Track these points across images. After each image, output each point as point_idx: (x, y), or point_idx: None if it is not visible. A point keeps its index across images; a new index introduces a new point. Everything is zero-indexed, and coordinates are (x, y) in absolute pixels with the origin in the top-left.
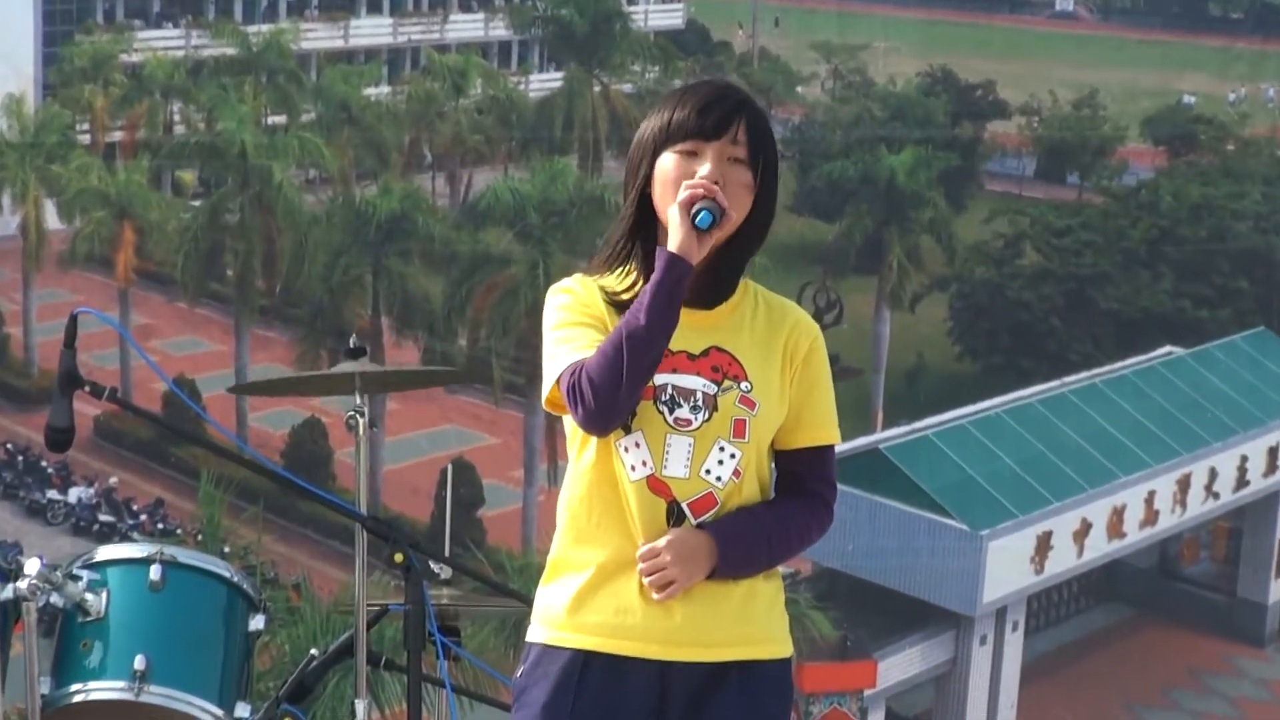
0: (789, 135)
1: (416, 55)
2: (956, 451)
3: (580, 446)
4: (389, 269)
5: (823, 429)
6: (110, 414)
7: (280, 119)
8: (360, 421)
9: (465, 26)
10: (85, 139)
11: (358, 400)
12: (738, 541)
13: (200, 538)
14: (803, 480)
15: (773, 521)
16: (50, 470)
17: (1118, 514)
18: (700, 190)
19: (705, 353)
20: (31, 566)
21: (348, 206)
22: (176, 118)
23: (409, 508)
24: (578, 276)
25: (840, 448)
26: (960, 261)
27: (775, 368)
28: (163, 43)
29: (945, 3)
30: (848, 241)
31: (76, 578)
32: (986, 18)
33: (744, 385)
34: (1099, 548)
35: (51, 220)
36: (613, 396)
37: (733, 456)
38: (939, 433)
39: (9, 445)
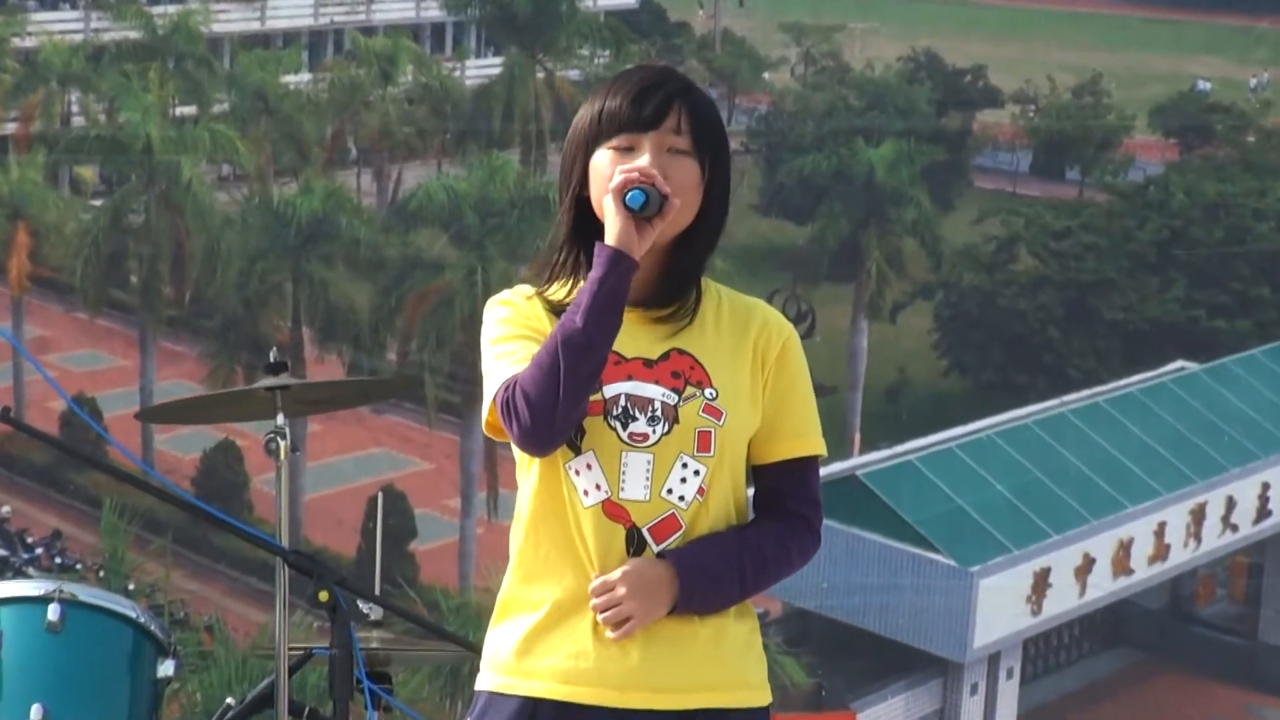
0: (755, 126)
1: (340, 39)
2: (943, 478)
3: (525, 471)
4: (310, 276)
5: (802, 439)
6: (2, 435)
7: (189, 110)
8: (281, 444)
9: (394, 7)
10: None
11: (279, 420)
12: (703, 571)
13: (102, 574)
14: (782, 498)
15: (744, 547)
16: None
17: (1124, 548)
18: (635, 175)
19: (664, 356)
20: None
21: (264, 207)
22: (75, 108)
23: (334, 541)
24: (519, 287)
25: None
26: (947, 267)
27: (744, 372)
28: (59, 25)
29: None
30: (820, 245)
31: None
32: None
33: (708, 392)
34: (1103, 586)
35: None
36: (549, 412)
37: (697, 473)
38: (924, 458)
39: None
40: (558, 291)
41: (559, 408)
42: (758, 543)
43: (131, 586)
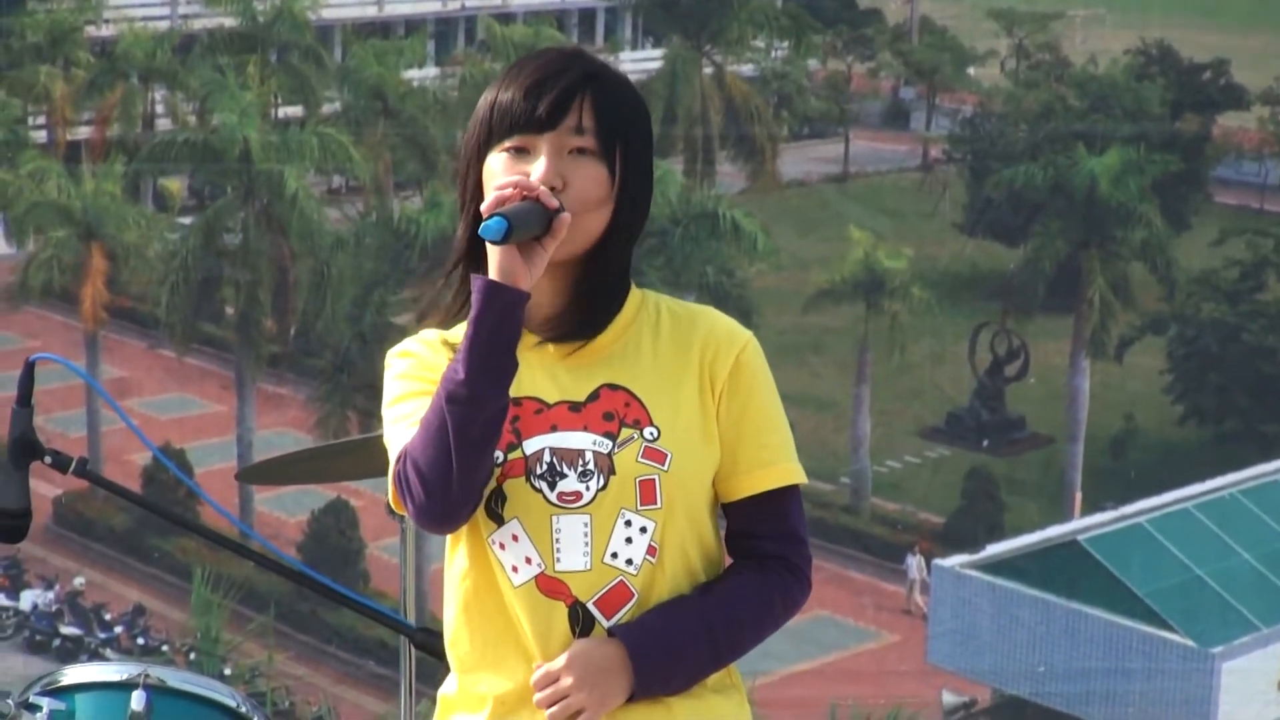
0: (958, 131)
1: (472, 27)
2: (1179, 544)
3: (450, 551)
4: None
5: (768, 468)
6: (76, 493)
7: (295, 110)
8: None
9: None
10: (40, 136)
11: None
12: (660, 644)
13: (194, 656)
14: (755, 540)
15: (710, 607)
16: None
17: None
18: (511, 191)
19: (594, 396)
20: None
21: (383, 225)
22: (160, 109)
23: None
24: (423, 333)
25: (1029, 539)
26: (1182, 296)
27: (691, 400)
28: (142, 11)
29: None
30: (1034, 270)
31: (35, 707)
32: None
33: (648, 432)
34: None
35: None
36: (443, 483)
37: (644, 530)
38: (1155, 520)
39: None
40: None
41: (454, 477)
42: (727, 599)
43: (228, 670)
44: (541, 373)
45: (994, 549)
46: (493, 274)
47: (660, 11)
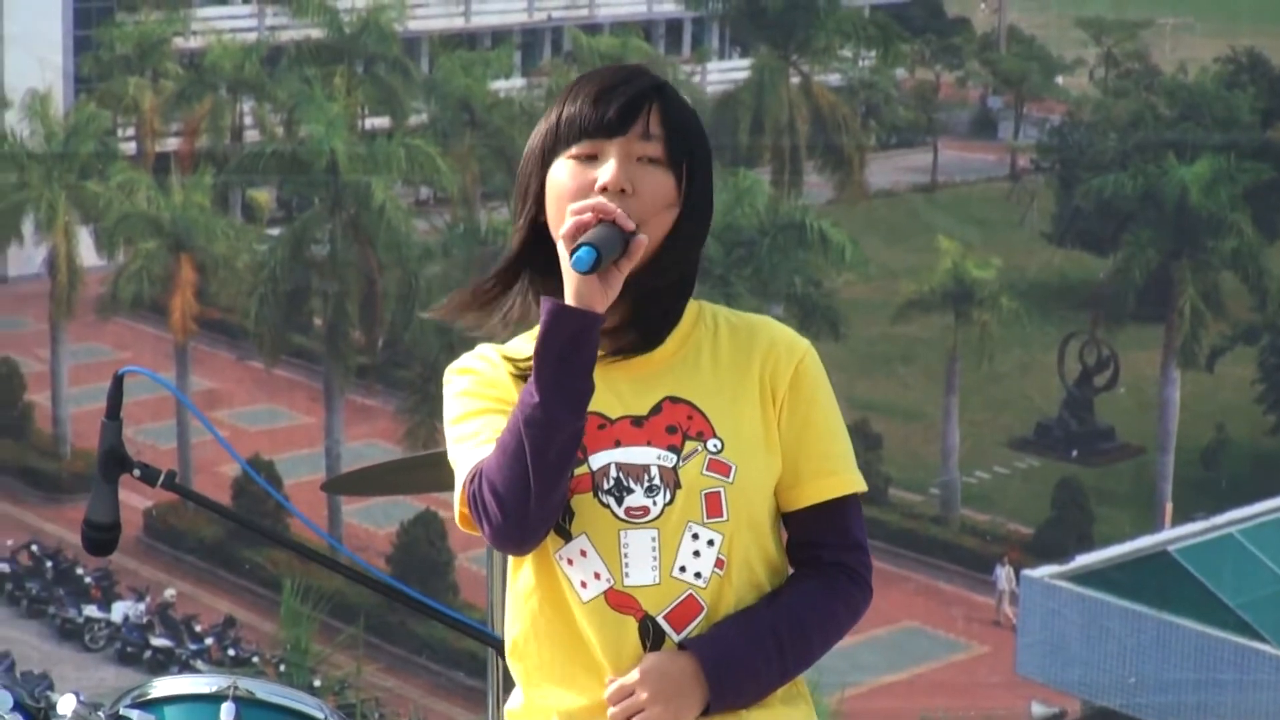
0: (1047, 140)
1: (559, 38)
2: (1271, 554)
3: (515, 566)
4: None
5: (829, 478)
6: (167, 505)
7: (382, 122)
8: None
9: (622, 0)
10: (130, 148)
11: None
12: (732, 656)
13: (283, 667)
14: (816, 549)
15: (778, 617)
16: (89, 580)
17: None
18: (589, 215)
19: (656, 409)
20: (66, 705)
21: (470, 235)
22: (248, 120)
23: None
24: (481, 348)
25: (1119, 550)
26: (1274, 306)
27: (753, 411)
28: (229, 23)
29: None
30: (1124, 280)
31: (125, 719)
32: None
33: (711, 444)
34: None
35: (88, 254)
36: (522, 504)
37: (711, 543)
38: (1247, 530)
39: (34, 547)
40: (523, 348)
41: (532, 498)
42: (794, 610)
43: (318, 682)
44: (603, 387)
45: (1083, 560)
46: (569, 299)
47: (747, 21)
